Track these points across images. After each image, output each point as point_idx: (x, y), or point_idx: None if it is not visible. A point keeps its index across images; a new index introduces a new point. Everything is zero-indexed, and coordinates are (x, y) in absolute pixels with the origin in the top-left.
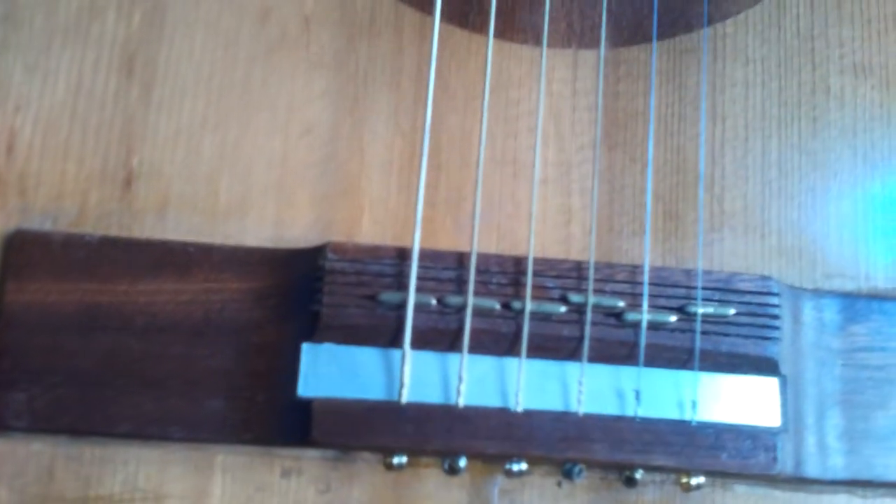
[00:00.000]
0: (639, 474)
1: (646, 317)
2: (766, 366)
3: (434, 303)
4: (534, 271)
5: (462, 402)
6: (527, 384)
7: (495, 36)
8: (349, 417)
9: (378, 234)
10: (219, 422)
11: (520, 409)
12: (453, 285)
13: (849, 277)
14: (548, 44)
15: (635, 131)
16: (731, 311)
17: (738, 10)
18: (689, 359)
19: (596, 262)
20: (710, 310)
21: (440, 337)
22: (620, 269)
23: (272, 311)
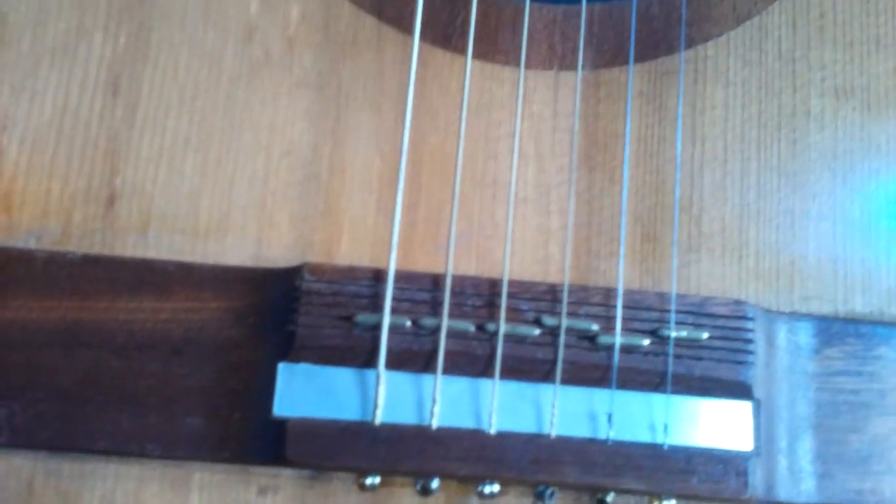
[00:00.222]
0: (610, 497)
1: (619, 340)
2: (740, 390)
3: (409, 324)
4: (508, 293)
5: (436, 423)
6: (500, 406)
7: (478, 58)
8: (323, 438)
9: (357, 254)
10: (196, 440)
11: (493, 431)
12: (428, 307)
13: (827, 300)
14: (529, 65)
15: (615, 152)
16: (705, 335)
17: (720, 33)
18: (661, 382)
19: (570, 284)
20: (684, 334)
21: (415, 358)
22: (594, 292)
23: (250, 330)
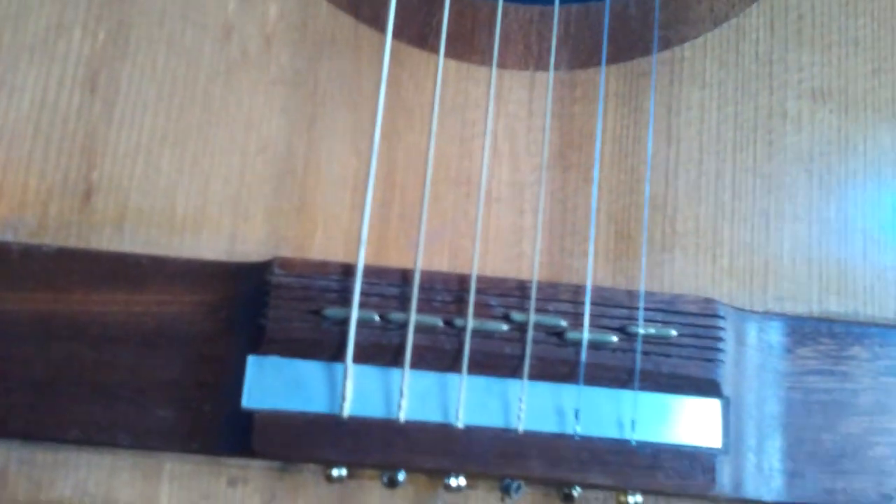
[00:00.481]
0: (576, 491)
1: (587, 336)
2: (709, 387)
3: (377, 318)
4: (477, 289)
5: (403, 416)
6: (468, 400)
7: (454, 58)
8: (290, 430)
9: (331, 250)
10: (167, 430)
11: (460, 425)
12: (397, 302)
13: (801, 300)
14: (505, 65)
15: (589, 152)
16: (673, 333)
17: (697, 34)
18: (629, 379)
19: (540, 281)
20: (652, 331)
21: (383, 352)
22: (563, 289)
23: (222, 323)
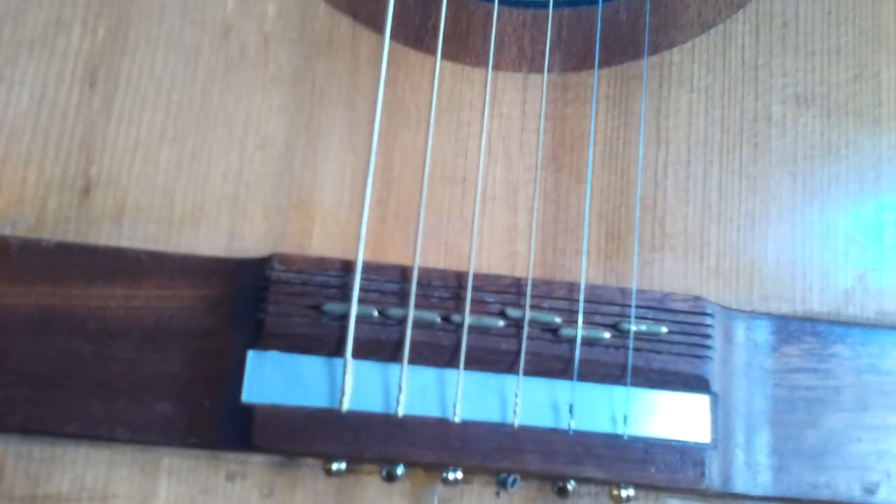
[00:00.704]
0: (571, 485)
1: (580, 333)
2: (698, 383)
3: (376, 314)
4: (474, 286)
5: (401, 411)
6: (465, 395)
7: (449, 59)
8: (290, 424)
9: (328, 246)
10: (166, 425)
11: (457, 420)
12: (396, 298)
13: (785, 300)
14: (499, 67)
15: (581, 153)
16: (664, 330)
17: (685, 39)
18: (621, 374)
19: (535, 279)
20: (643, 328)
21: (381, 348)
22: (558, 286)
23: (221, 318)
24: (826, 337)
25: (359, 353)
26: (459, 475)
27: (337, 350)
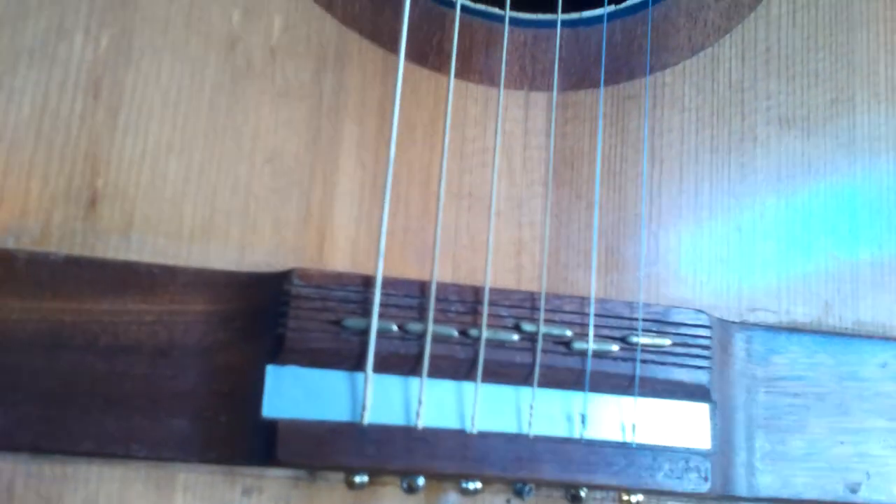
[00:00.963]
0: (583, 492)
1: (592, 346)
2: (699, 392)
3: (395, 329)
4: (490, 301)
5: (421, 424)
6: (482, 407)
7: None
8: (313, 438)
9: (338, 260)
10: (182, 441)
11: (475, 431)
12: (414, 312)
13: (771, 311)
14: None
15: (581, 170)
16: (668, 342)
17: (677, 61)
18: (629, 385)
19: (546, 293)
20: (649, 340)
21: (401, 362)
22: (568, 301)
23: (236, 333)
24: (809, 347)
25: (378, 367)
26: (479, 485)
27: (357, 364)
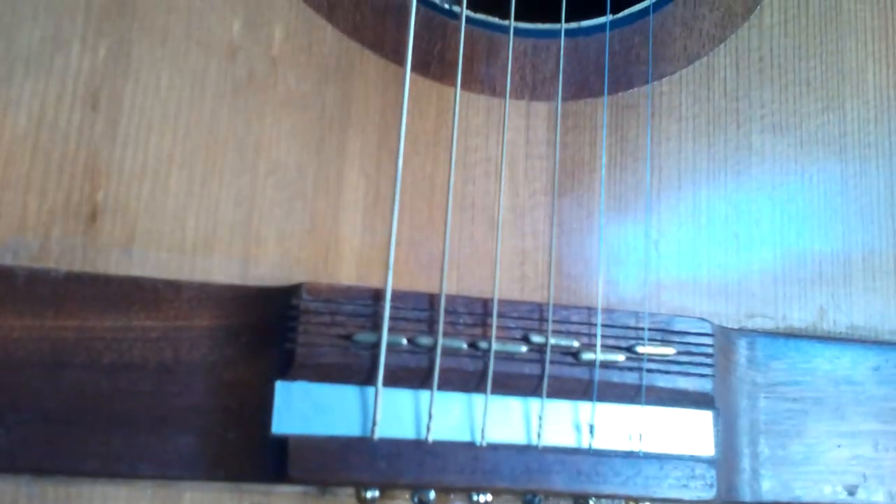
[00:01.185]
0: (591, 501)
1: (599, 356)
2: (702, 400)
3: (405, 342)
4: (498, 312)
5: (431, 437)
6: (491, 419)
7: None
8: (324, 454)
9: (343, 272)
10: (190, 459)
11: (484, 444)
12: (423, 325)
13: (769, 317)
14: (502, 94)
15: (582, 179)
16: (672, 351)
17: (673, 71)
18: (636, 394)
19: (553, 304)
20: (654, 349)
21: (411, 375)
22: (575, 312)
23: (244, 348)
24: (807, 352)
25: (388, 381)
26: (489, 497)
27: (367, 379)
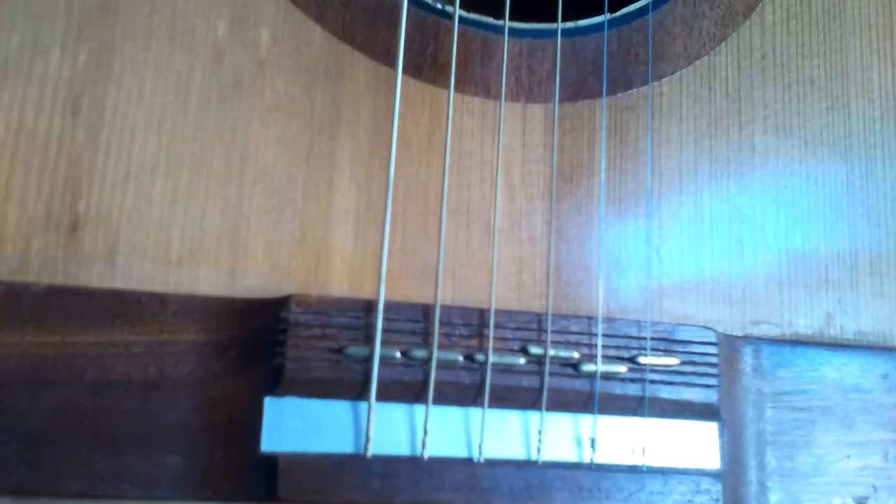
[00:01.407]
0: None
1: (601, 367)
2: (707, 411)
3: (399, 355)
4: (495, 323)
5: (427, 454)
6: (488, 434)
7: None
8: (316, 473)
9: (335, 283)
10: (177, 478)
11: (482, 460)
12: (417, 337)
13: (774, 324)
14: (496, 97)
15: (580, 184)
16: (676, 361)
17: (673, 71)
18: (638, 406)
19: (553, 314)
20: (657, 359)
21: (405, 389)
22: (575, 321)
23: (231, 363)
24: (814, 359)
25: (381, 396)
26: None
27: (359, 393)
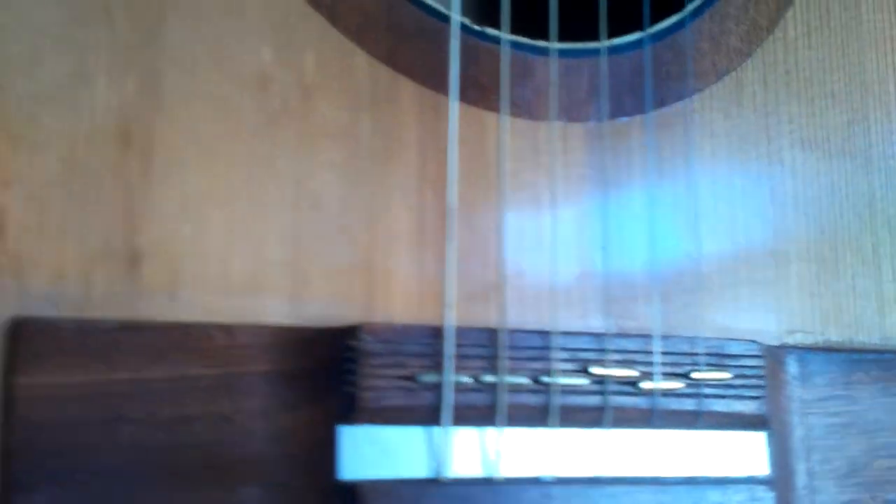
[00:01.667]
0: None
1: (660, 384)
2: (757, 421)
3: (469, 380)
4: (557, 345)
5: (501, 475)
6: (558, 453)
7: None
8: (395, 498)
9: (395, 308)
10: None
11: (551, 479)
12: (485, 362)
13: (808, 333)
14: (539, 118)
15: (622, 202)
16: (729, 375)
17: (703, 87)
18: (693, 420)
19: (610, 333)
20: (711, 374)
21: (476, 413)
22: (633, 340)
23: (302, 392)
24: (846, 365)
25: (454, 420)
26: None
27: (432, 419)
